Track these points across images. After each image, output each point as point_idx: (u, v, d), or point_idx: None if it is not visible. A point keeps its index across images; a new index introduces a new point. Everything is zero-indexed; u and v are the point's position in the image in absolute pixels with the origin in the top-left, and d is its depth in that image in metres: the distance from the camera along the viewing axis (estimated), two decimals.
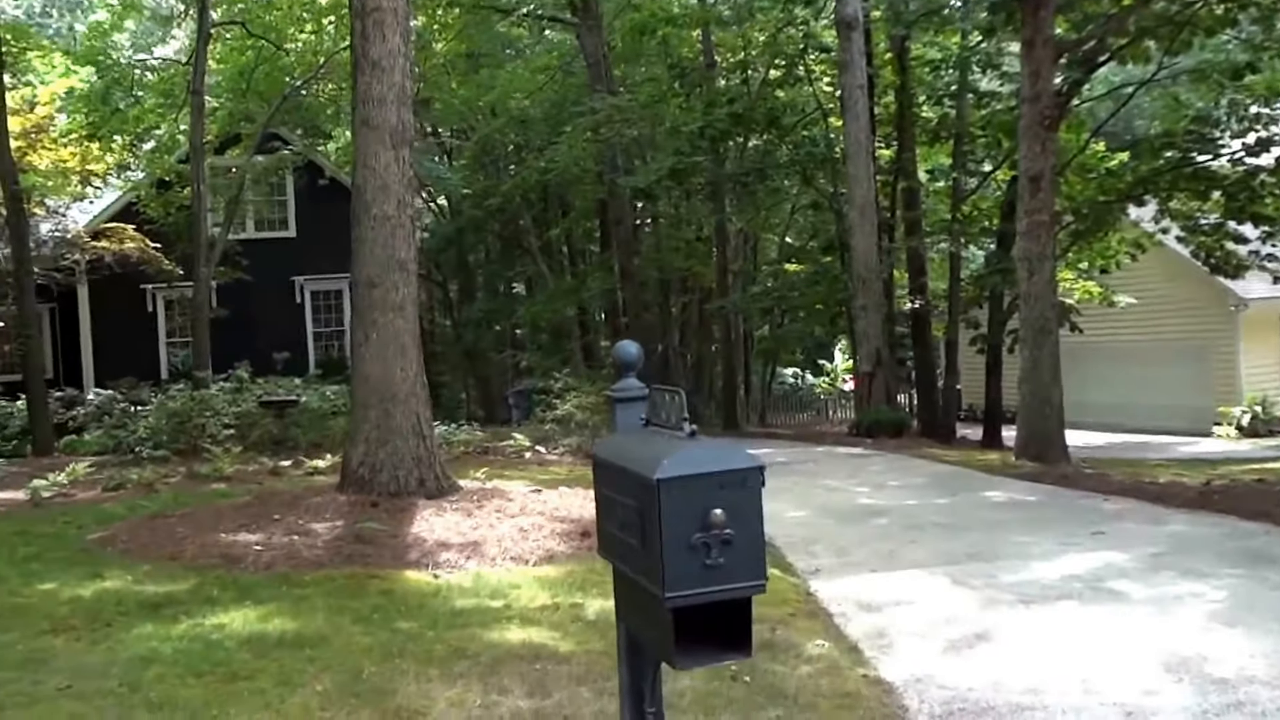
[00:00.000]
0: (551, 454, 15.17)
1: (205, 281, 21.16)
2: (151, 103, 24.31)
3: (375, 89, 9.81)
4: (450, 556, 7.88)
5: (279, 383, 19.83)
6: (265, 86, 24.66)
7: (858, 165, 18.35)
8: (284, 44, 24.52)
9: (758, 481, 2.75)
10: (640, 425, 3.31)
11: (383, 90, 9.80)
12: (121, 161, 24.10)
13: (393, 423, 9.69)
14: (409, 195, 10.01)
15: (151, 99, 24.29)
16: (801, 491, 11.76)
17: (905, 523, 9.40)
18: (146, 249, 22.35)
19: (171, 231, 22.29)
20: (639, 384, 3.35)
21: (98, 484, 13.04)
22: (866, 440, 16.80)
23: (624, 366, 3.56)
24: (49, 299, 24.97)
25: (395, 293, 9.84)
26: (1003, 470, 12.49)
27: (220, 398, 17.54)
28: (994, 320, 19.80)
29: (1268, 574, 6.86)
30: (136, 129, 24.46)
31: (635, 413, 3.38)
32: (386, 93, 9.80)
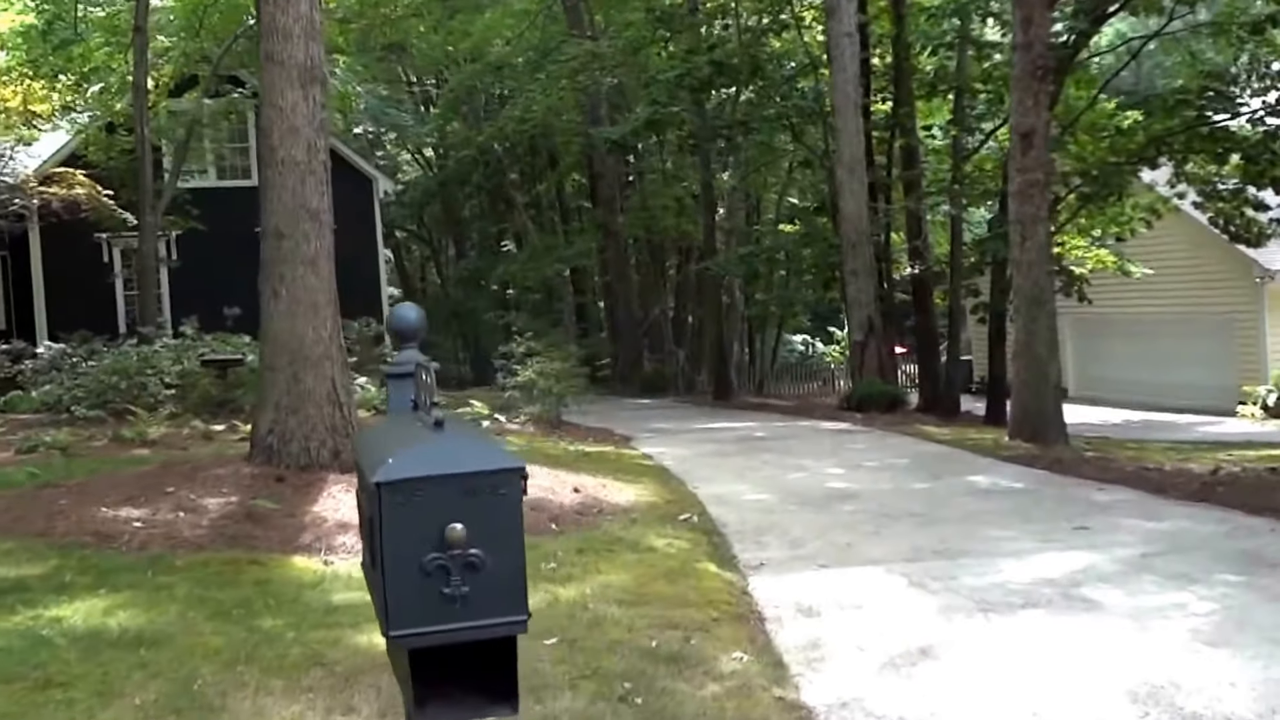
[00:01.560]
0: (512, 423, 14.55)
1: (151, 231, 20.47)
2: (98, 40, 23.48)
3: (280, 20, 9.11)
4: (349, 541, 7.25)
5: (229, 340, 19.16)
6: (221, 26, 23.81)
7: (846, 119, 17.57)
8: None
9: (516, 487, 2.15)
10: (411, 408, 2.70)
11: (288, 22, 9.10)
12: (66, 102, 23.26)
13: (304, 388, 9.05)
14: (321, 139, 9.33)
15: (98, 36, 23.46)
16: (770, 472, 11.16)
17: (874, 510, 8.77)
18: (96, 195, 21.69)
19: (115, 178, 21.55)
20: (419, 357, 2.72)
21: (11, 445, 12.46)
22: (856, 415, 16.16)
23: (400, 335, 2.93)
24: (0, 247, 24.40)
25: (306, 245, 9.18)
26: (994, 451, 11.83)
27: (165, 355, 16.92)
28: (996, 288, 19.07)
29: (1266, 581, 6.22)
30: (82, 68, 23.64)
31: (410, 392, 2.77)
32: (293, 25, 9.10)
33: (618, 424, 16.18)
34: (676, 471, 11.27)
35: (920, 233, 21.75)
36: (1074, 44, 17.91)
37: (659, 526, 8.12)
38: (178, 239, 24.76)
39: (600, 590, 6.27)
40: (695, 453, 12.77)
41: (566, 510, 8.38)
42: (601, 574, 6.66)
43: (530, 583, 6.30)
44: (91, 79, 24.04)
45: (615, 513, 8.56)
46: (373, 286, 26.88)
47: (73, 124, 24.21)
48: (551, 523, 7.98)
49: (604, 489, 9.49)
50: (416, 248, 48.18)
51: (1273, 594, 6.00)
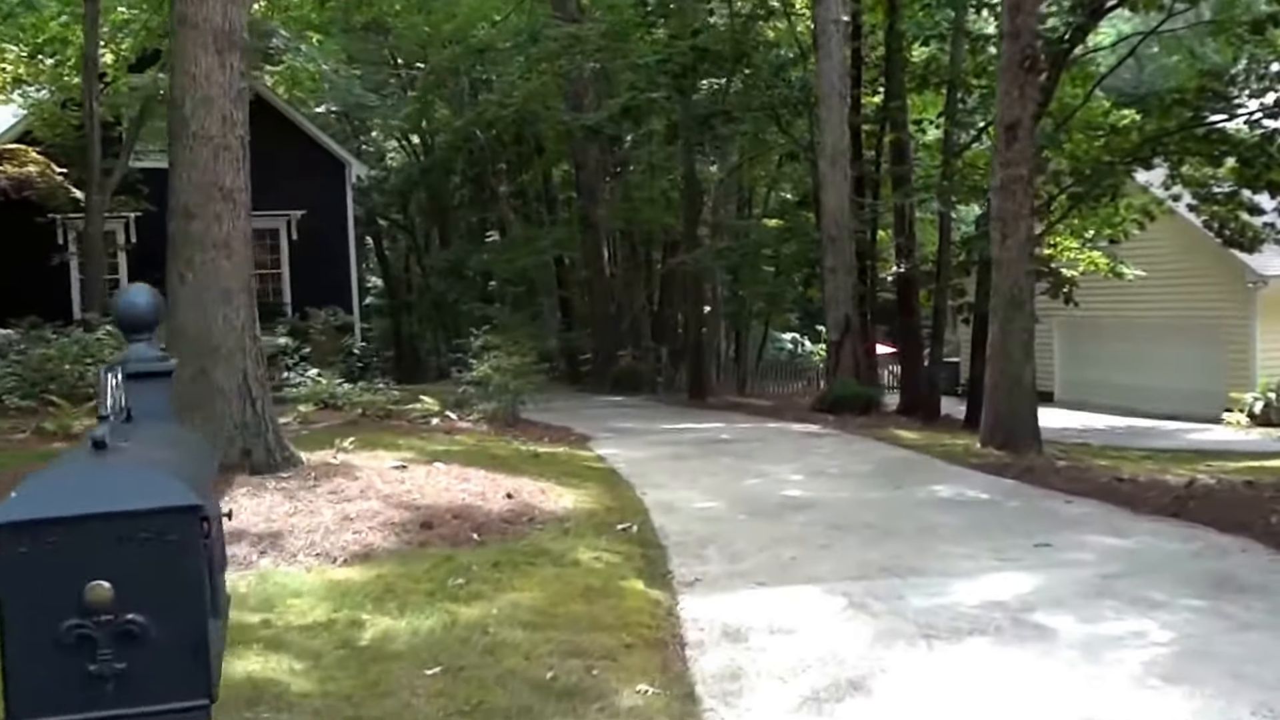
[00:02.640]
0: (464, 420, 14.10)
1: (98, 211, 19.96)
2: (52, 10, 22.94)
3: None
4: (242, 550, 6.81)
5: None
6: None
7: (830, 109, 17.11)
8: None
9: (193, 532, 1.65)
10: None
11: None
12: (17, 75, 22.68)
13: (212, 382, 8.60)
14: (238, 111, 8.86)
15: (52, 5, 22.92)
16: (726, 477, 10.73)
17: (827, 521, 8.33)
18: (50, 173, 21.19)
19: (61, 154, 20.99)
20: (150, 355, 2.25)
21: None
22: (829, 417, 15.72)
23: (129, 326, 2.45)
24: None
25: (218, 226, 8.73)
26: (963, 458, 11.41)
27: (107, 343, 16.45)
28: (981, 288, 18.62)
29: (1232, 608, 5.79)
30: (35, 39, 23.10)
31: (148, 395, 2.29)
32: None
33: (580, 422, 15.74)
34: (628, 475, 10.83)
35: (908, 230, 21.33)
36: (1070, 39, 17.49)
37: (592, 537, 7.67)
38: (137, 221, 24.25)
39: (507, 610, 5.83)
40: (652, 455, 12.33)
41: (493, 518, 7.94)
42: (514, 591, 6.21)
43: (430, 602, 5.83)
44: (45, 51, 23.49)
45: (548, 521, 8.11)
46: (343, 274, 26.40)
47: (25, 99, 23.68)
48: (474, 532, 7.53)
49: (542, 494, 9.04)
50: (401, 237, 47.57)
51: (1239, 622, 5.58)
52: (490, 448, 12.06)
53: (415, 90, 31.30)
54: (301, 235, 25.87)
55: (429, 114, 32.32)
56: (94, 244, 19.92)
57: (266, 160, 24.74)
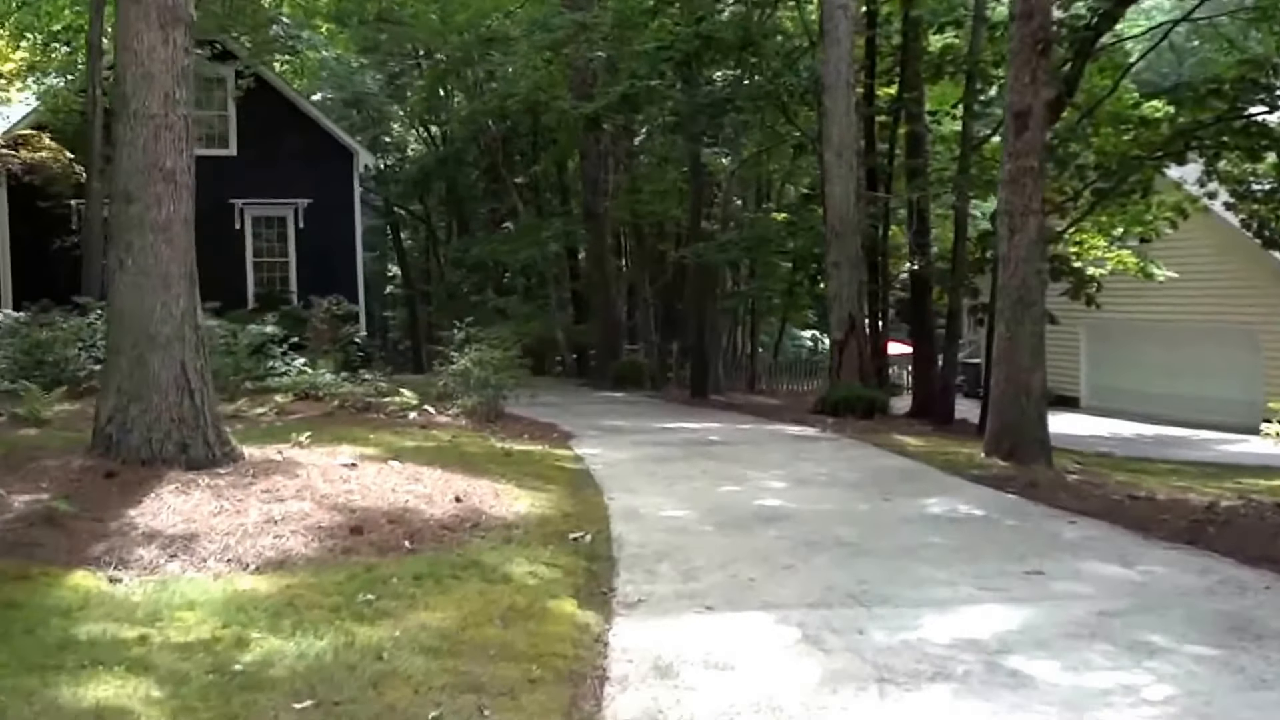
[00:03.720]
0: (444, 415, 13.40)
1: (97, 196, 19.36)
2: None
3: None
4: (150, 554, 6.14)
5: None
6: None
7: (836, 98, 16.25)
8: None
9: None
10: None
11: None
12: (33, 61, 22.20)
13: (148, 373, 7.93)
14: (182, 89, 8.18)
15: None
16: (704, 483, 9.96)
17: (800, 536, 7.57)
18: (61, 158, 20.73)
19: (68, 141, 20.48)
20: None
21: None
22: (829, 420, 14.89)
23: None
24: None
25: (157, 209, 8.06)
26: (964, 469, 10.58)
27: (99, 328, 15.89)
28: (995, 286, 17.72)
29: (1246, 659, 4.97)
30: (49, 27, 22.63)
31: None
32: None
33: (569, 419, 15.00)
34: (601, 477, 10.10)
35: (922, 226, 20.46)
36: (1096, 25, 16.56)
37: (537, 548, 6.94)
38: None
39: (412, 633, 5.11)
40: (633, 456, 11.58)
41: (433, 524, 7.21)
42: (426, 610, 5.49)
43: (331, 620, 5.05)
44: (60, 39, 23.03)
45: (494, 528, 7.38)
46: (348, 263, 25.82)
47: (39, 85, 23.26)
48: (407, 539, 6.81)
49: (496, 498, 8.32)
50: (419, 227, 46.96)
51: (1253, 677, 4.77)
52: (462, 444, 11.35)
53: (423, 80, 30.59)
54: (308, 223, 25.35)
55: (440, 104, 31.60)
56: (92, 229, 19.41)
57: (275, 148, 24.51)
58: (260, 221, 25.54)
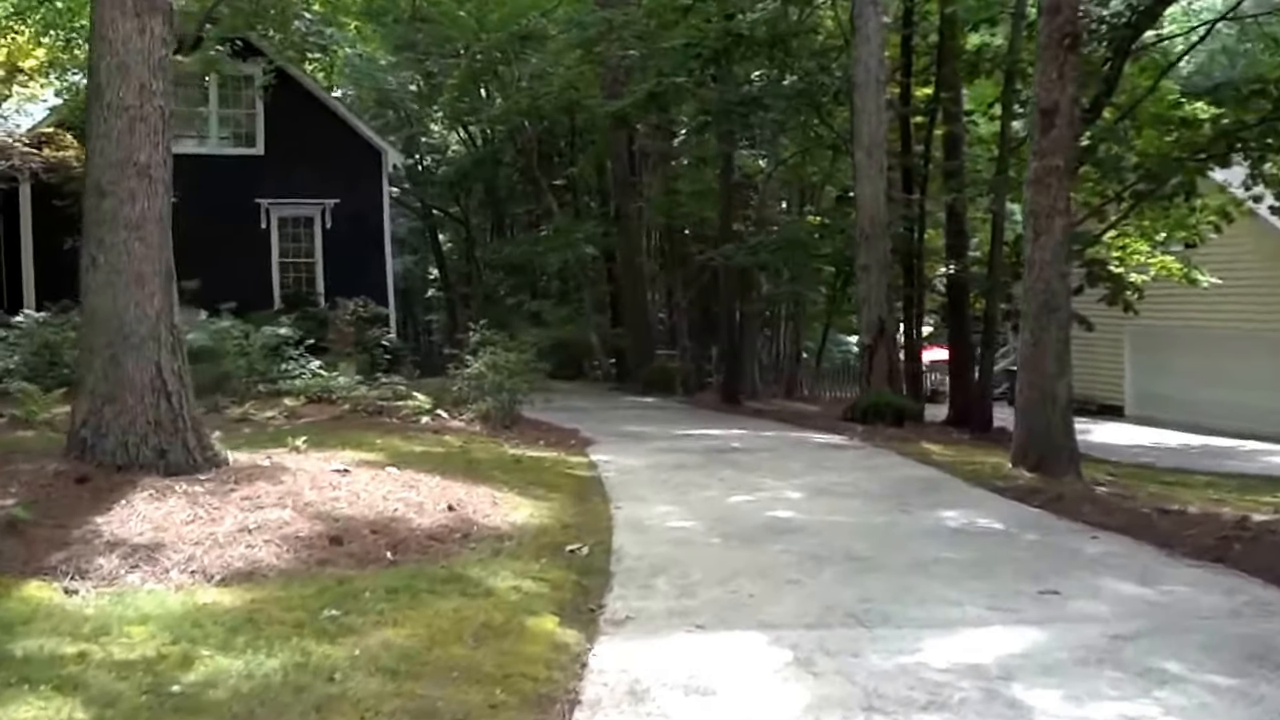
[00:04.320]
0: (457, 420, 13.20)
1: None
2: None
3: None
4: (111, 564, 5.94)
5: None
6: None
7: (866, 97, 15.88)
8: None
9: None
10: None
11: None
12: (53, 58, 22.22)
13: (123, 374, 7.73)
14: (158, 80, 7.98)
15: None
16: (718, 491, 9.68)
17: (808, 550, 7.26)
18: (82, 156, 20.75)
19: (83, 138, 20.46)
20: None
21: None
22: (857, 428, 14.54)
23: None
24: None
25: (131, 205, 7.88)
26: (990, 480, 10.22)
27: None
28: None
29: (1266, 690, 4.62)
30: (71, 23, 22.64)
31: None
32: None
33: (591, 424, 14.77)
34: (612, 485, 9.85)
35: (959, 229, 20.04)
36: (1136, 23, 16.14)
37: (528, 560, 6.69)
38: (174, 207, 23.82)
39: (373, 652, 4.87)
40: (649, 463, 11.32)
41: (420, 534, 6.98)
42: (394, 627, 5.25)
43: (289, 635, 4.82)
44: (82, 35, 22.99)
45: (484, 539, 7.14)
46: (377, 264, 25.70)
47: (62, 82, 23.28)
48: (389, 550, 6.58)
49: (493, 507, 8.08)
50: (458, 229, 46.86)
51: (1271, 710, 4.44)
52: (471, 450, 11.14)
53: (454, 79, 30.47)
54: (336, 224, 25.31)
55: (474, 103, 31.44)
56: None
57: (302, 147, 24.44)
58: (287, 222, 25.51)
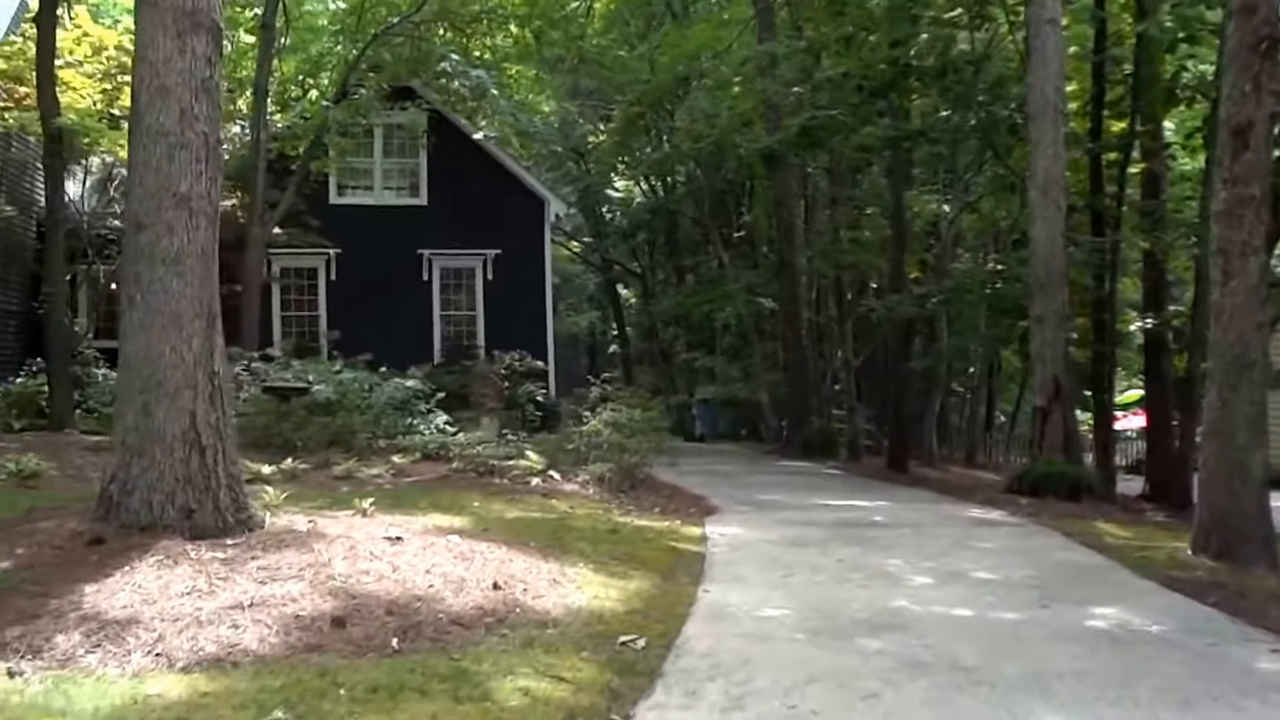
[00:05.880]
0: (570, 482, 12.45)
1: (258, 242, 19.66)
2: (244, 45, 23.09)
3: None
4: (71, 642, 5.37)
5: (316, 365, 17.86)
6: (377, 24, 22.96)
7: (1043, 129, 14.53)
8: None
9: None
10: None
11: None
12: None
13: (154, 425, 7.23)
14: (202, 105, 7.49)
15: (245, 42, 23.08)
16: (834, 574, 8.61)
17: (910, 653, 6.18)
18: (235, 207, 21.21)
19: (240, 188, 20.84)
20: None
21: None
22: (1023, 501, 13.14)
23: None
24: None
25: (169, 239, 7.38)
26: (1162, 569, 8.82)
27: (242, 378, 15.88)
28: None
29: None
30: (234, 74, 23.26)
31: None
32: None
33: (725, 490, 13.83)
34: (712, 563, 8.91)
35: (1159, 277, 18.34)
36: None
37: (561, 655, 5.83)
38: (338, 258, 24.22)
39: None
40: (766, 538, 10.30)
41: (444, 618, 6.21)
42: None
43: None
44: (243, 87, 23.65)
45: (523, 625, 6.32)
46: (536, 316, 25.40)
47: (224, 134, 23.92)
48: (398, 636, 5.83)
49: (551, 586, 7.25)
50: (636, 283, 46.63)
51: None
52: (571, 518, 10.37)
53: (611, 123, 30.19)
54: (497, 275, 25.20)
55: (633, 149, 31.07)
56: (252, 276, 19.57)
57: (465, 197, 24.43)
58: (449, 273, 25.59)
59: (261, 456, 13.24)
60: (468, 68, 23.76)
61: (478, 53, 26.72)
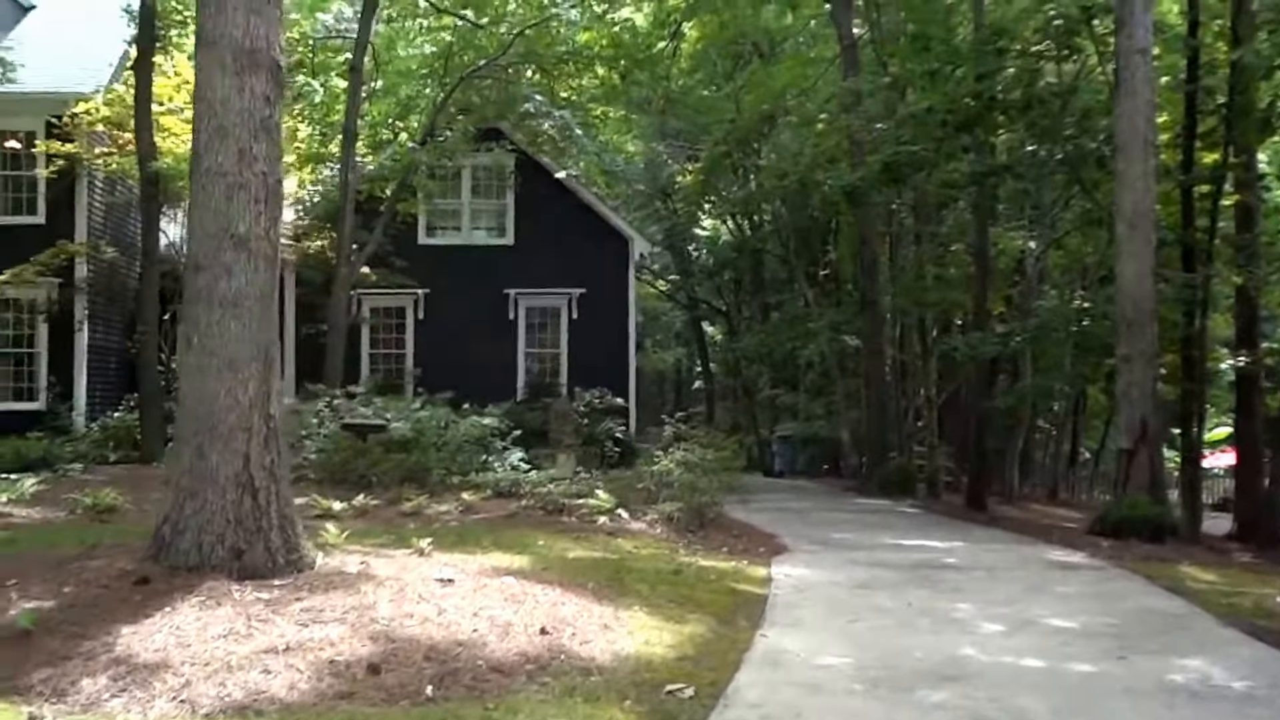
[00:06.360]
0: (638, 521, 12.13)
1: (344, 282, 19.73)
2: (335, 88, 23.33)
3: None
4: (97, 686, 5.22)
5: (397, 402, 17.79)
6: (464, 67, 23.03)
7: (1131, 160, 13.93)
8: (481, 20, 22.81)
9: None
10: None
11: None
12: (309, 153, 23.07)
13: (207, 466, 7.10)
14: (261, 145, 7.37)
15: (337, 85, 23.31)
16: (898, 619, 8.19)
17: (971, 708, 5.79)
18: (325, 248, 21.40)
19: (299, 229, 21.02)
20: None
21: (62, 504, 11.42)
22: (1103, 543, 12.51)
23: None
24: None
25: (227, 281, 7.26)
26: (1248, 617, 8.25)
27: (306, 416, 15.86)
28: None
29: None
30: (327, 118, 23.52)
31: None
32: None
33: (797, 529, 13.41)
34: (774, 606, 8.54)
35: (1252, 314, 17.56)
36: None
37: (602, 705, 5.55)
38: (426, 298, 24.32)
39: None
40: (833, 579, 9.89)
41: (485, 665, 5.95)
42: None
43: None
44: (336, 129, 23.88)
45: (566, 673, 6.03)
46: (619, 354, 25.18)
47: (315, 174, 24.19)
48: (433, 683, 5.58)
49: (602, 630, 6.96)
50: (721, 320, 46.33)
51: None
52: (634, 558, 10.06)
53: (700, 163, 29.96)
54: (581, 313, 25.10)
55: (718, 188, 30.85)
56: (336, 317, 19.65)
57: (550, 236, 24.43)
58: (534, 312, 25.50)
59: (336, 492, 13.17)
60: (551, 108, 23.75)
61: (565, 94, 26.68)
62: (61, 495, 11.85)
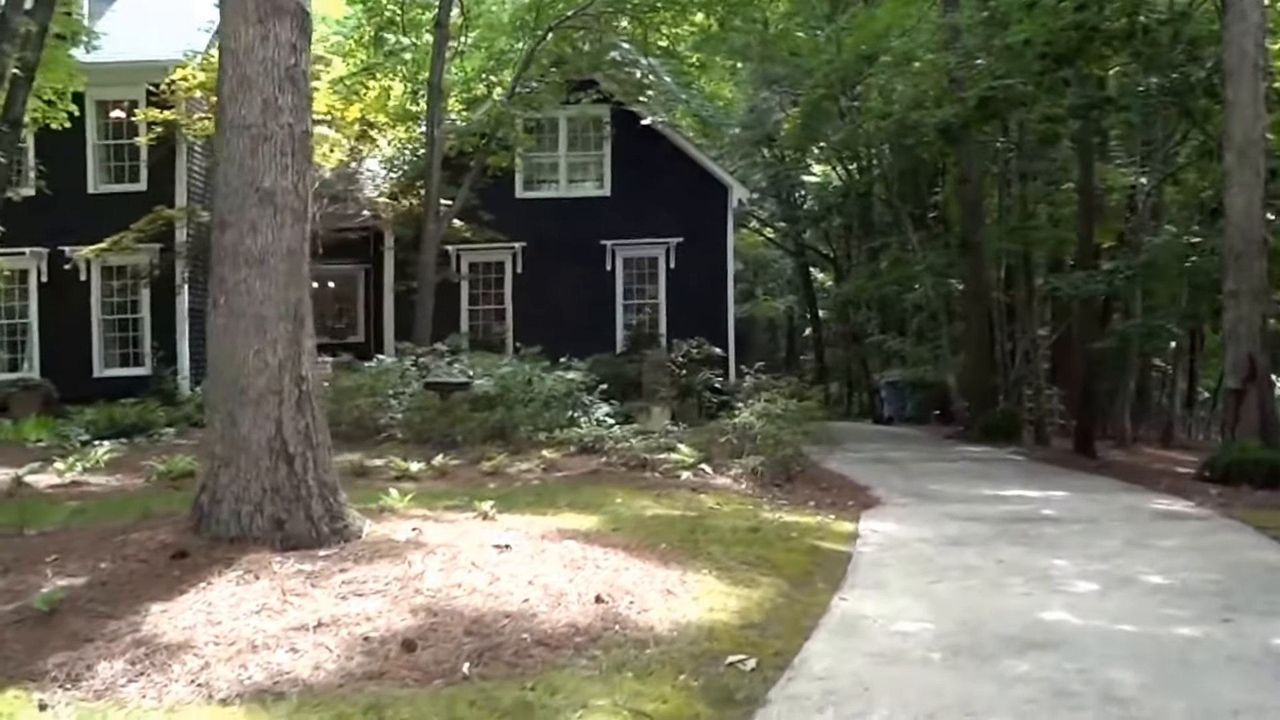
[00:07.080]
0: (722, 475, 11.66)
1: (433, 239, 19.51)
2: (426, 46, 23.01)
3: None
4: (114, 670, 4.91)
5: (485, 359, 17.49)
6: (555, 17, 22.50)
7: (1240, 87, 12.90)
8: None
9: None
10: None
11: None
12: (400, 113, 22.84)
13: (238, 433, 6.74)
14: (287, 95, 6.91)
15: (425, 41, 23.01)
16: (987, 578, 7.61)
17: (1057, 679, 5.21)
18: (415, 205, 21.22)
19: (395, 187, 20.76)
20: None
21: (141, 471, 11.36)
22: (1212, 490, 11.67)
23: None
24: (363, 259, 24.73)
25: (253, 238, 6.84)
26: None
27: (393, 375, 15.68)
28: None
29: None
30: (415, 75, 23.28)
31: None
32: None
33: (892, 480, 12.82)
34: (856, 565, 8.02)
35: None
36: None
37: (654, 680, 5.11)
38: (524, 251, 24.06)
39: None
40: (923, 535, 9.30)
41: (530, 639, 5.52)
42: None
43: None
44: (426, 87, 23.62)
45: (621, 644, 5.59)
46: (717, 303, 24.65)
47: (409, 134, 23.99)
48: (471, 660, 5.18)
49: (664, 597, 6.51)
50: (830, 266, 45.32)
51: None
52: (713, 515, 9.59)
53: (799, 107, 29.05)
54: (679, 263, 24.60)
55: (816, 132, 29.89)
56: (425, 273, 19.45)
57: (647, 186, 23.91)
58: (631, 262, 25.09)
59: (421, 452, 12.97)
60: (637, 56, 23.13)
61: (663, 43, 26.04)
62: (141, 462, 11.80)
